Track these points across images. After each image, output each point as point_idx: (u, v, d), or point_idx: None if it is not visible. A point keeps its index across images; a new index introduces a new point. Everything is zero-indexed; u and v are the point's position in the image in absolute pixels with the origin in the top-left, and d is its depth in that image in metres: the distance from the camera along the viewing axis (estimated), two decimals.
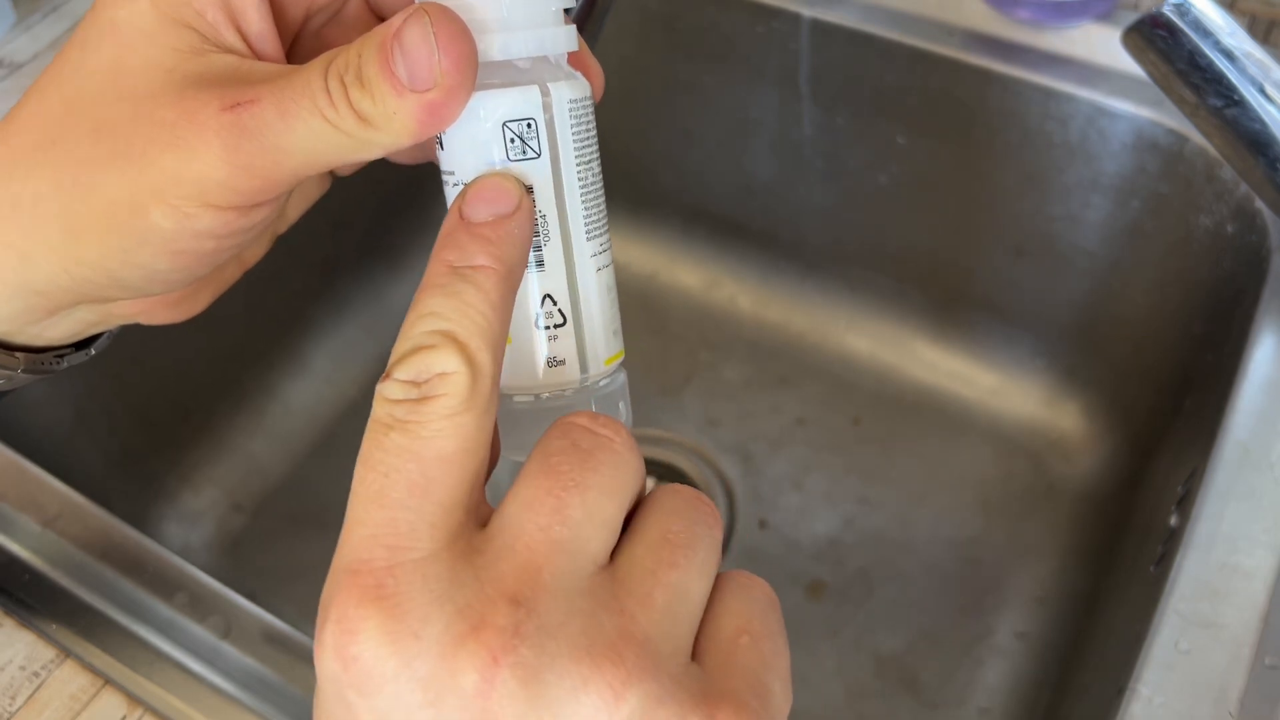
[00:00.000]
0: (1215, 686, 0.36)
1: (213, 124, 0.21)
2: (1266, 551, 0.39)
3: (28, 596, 0.41)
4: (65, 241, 0.23)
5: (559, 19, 0.23)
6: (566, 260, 0.23)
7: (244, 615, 0.41)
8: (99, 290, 0.25)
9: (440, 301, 0.21)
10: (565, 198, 0.23)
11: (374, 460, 0.20)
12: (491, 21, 0.22)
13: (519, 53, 0.22)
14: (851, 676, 0.60)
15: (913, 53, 0.59)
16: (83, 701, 0.39)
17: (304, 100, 0.21)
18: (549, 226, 0.23)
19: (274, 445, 0.70)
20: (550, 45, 0.23)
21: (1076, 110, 0.56)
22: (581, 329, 0.24)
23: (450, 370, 0.20)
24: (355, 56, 0.21)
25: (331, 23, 0.27)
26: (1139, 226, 0.59)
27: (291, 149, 0.21)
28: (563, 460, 0.21)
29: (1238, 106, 0.40)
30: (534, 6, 0.22)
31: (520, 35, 0.22)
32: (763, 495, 0.67)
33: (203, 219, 0.22)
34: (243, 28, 0.23)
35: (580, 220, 0.23)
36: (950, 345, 0.71)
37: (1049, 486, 0.66)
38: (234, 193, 0.22)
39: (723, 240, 0.75)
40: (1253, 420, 0.43)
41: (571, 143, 0.23)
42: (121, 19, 0.23)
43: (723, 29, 0.64)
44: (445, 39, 0.20)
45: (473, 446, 0.21)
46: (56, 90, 0.23)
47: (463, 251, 0.21)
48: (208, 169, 0.21)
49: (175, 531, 0.65)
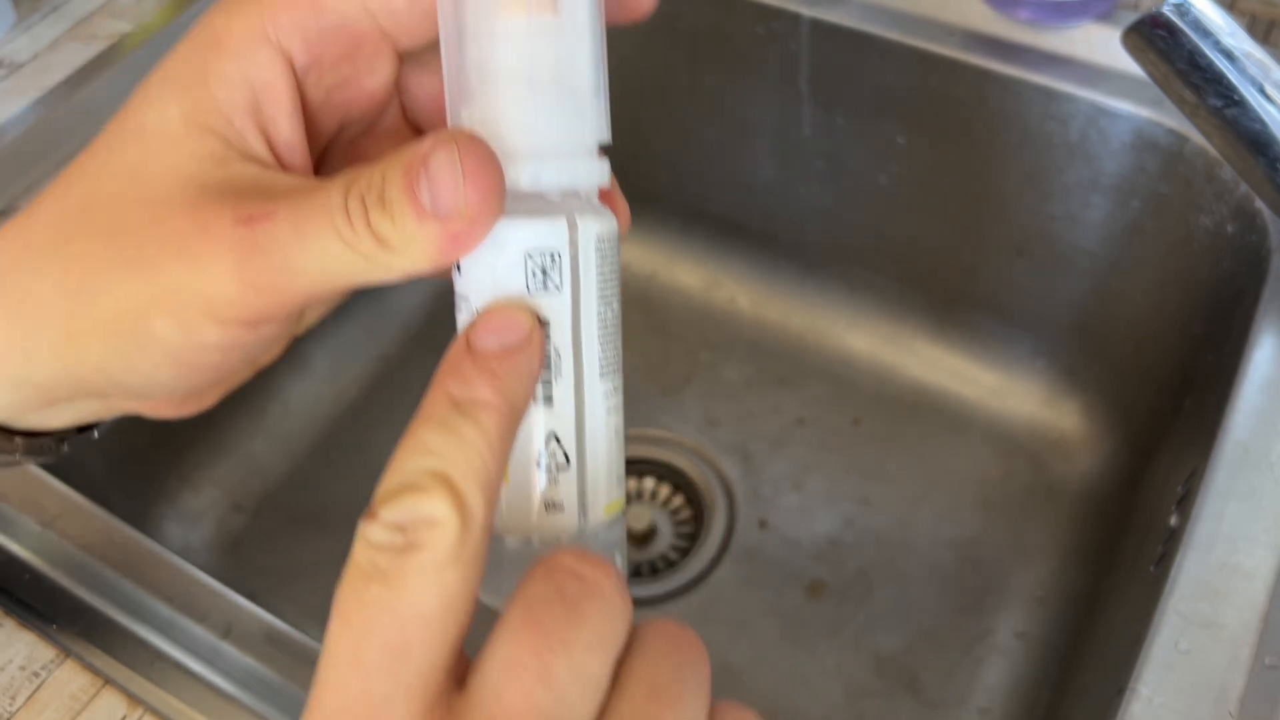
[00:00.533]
0: (1215, 686, 0.36)
1: (225, 237, 0.20)
2: (1266, 551, 0.39)
3: (28, 596, 0.41)
4: (67, 344, 0.23)
5: (593, 152, 0.22)
6: (577, 399, 0.22)
7: (244, 615, 0.41)
8: (100, 390, 0.24)
9: (437, 438, 0.20)
10: (582, 335, 0.22)
11: (350, 616, 0.19)
12: (522, 149, 0.21)
13: (549, 184, 0.22)
14: (851, 676, 0.60)
15: (913, 53, 0.59)
16: (83, 701, 0.39)
17: (321, 218, 0.20)
18: (562, 363, 0.22)
19: (274, 445, 0.70)
20: (583, 179, 0.22)
21: (1076, 110, 0.56)
22: (585, 473, 0.22)
23: (439, 517, 0.19)
24: (379, 177, 0.20)
25: (366, 134, 0.26)
26: (1139, 226, 0.59)
27: (305, 268, 0.20)
28: (547, 612, 0.19)
29: (1238, 106, 0.40)
30: (568, 138, 0.22)
31: (552, 166, 0.21)
32: (763, 495, 0.67)
33: (208, 333, 0.22)
34: (271, 137, 0.22)
35: (595, 359, 0.22)
36: (950, 345, 0.71)
37: (1049, 486, 0.66)
38: (242, 309, 0.21)
39: (723, 240, 0.75)
40: (1253, 420, 0.43)
41: (595, 279, 0.22)
42: (149, 122, 0.22)
43: (723, 29, 0.64)
44: (473, 168, 0.19)
45: (457, 604, 0.19)
46: (78, 188, 0.23)
47: (466, 383, 0.20)
48: (216, 283, 0.21)
49: (175, 531, 0.65)
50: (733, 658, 0.60)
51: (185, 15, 0.63)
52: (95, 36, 0.62)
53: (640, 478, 0.69)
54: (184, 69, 0.22)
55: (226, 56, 0.22)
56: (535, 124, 0.21)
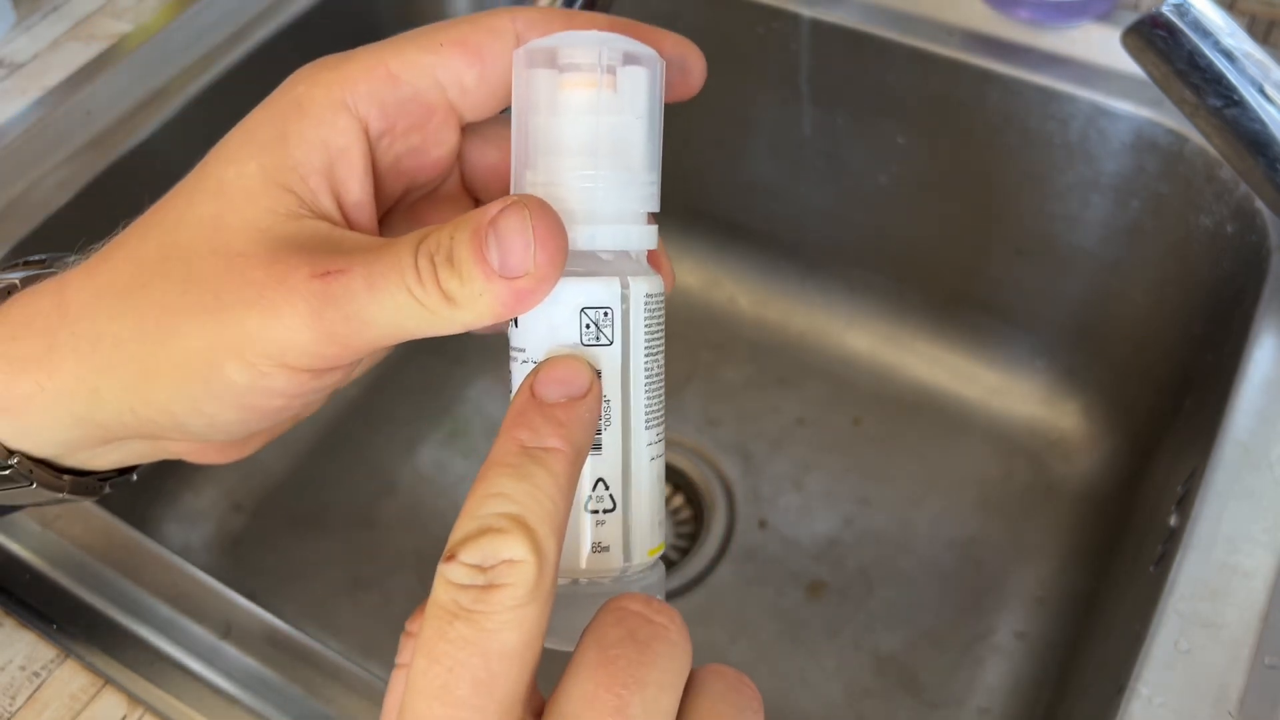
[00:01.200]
0: (1215, 686, 0.36)
1: (301, 289, 0.22)
2: (1266, 551, 0.39)
3: (28, 596, 0.41)
4: (138, 384, 0.24)
5: (643, 219, 0.24)
6: (624, 447, 0.24)
7: (244, 615, 0.41)
8: (159, 431, 0.25)
9: (511, 484, 0.21)
10: (631, 386, 0.24)
11: (438, 652, 0.20)
12: (581, 213, 0.23)
13: (604, 245, 0.23)
14: (851, 676, 0.60)
15: (913, 53, 0.59)
16: (83, 701, 0.39)
17: (393, 275, 0.22)
18: (611, 412, 0.23)
19: (274, 445, 0.69)
20: (635, 242, 0.24)
21: (1076, 110, 0.56)
22: (629, 517, 0.24)
23: (518, 558, 0.20)
24: (448, 238, 0.22)
25: (428, 198, 0.27)
26: (1139, 226, 0.59)
27: (375, 320, 0.22)
28: (620, 653, 0.21)
29: (1237, 107, 0.40)
30: (622, 205, 0.24)
31: (607, 229, 0.23)
32: (762, 495, 0.67)
33: (277, 379, 0.23)
34: (342, 197, 0.24)
35: (641, 409, 0.24)
36: (950, 345, 0.71)
37: (1049, 486, 0.66)
38: (313, 357, 0.23)
39: (723, 240, 0.75)
40: (1252, 420, 0.43)
41: (643, 334, 0.24)
42: (229, 178, 0.23)
43: (723, 29, 0.64)
44: (542, 231, 0.21)
45: (535, 639, 0.20)
46: (156, 236, 0.24)
47: (535, 432, 0.21)
48: (291, 333, 0.22)
49: (175, 532, 0.65)
50: (732, 657, 0.60)
51: (185, 15, 0.63)
52: (95, 36, 0.62)
53: None
54: (264, 130, 0.24)
55: (307, 121, 0.24)
56: (594, 191, 0.23)
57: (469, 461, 0.69)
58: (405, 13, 0.70)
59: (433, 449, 0.70)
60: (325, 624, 0.61)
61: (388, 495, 0.68)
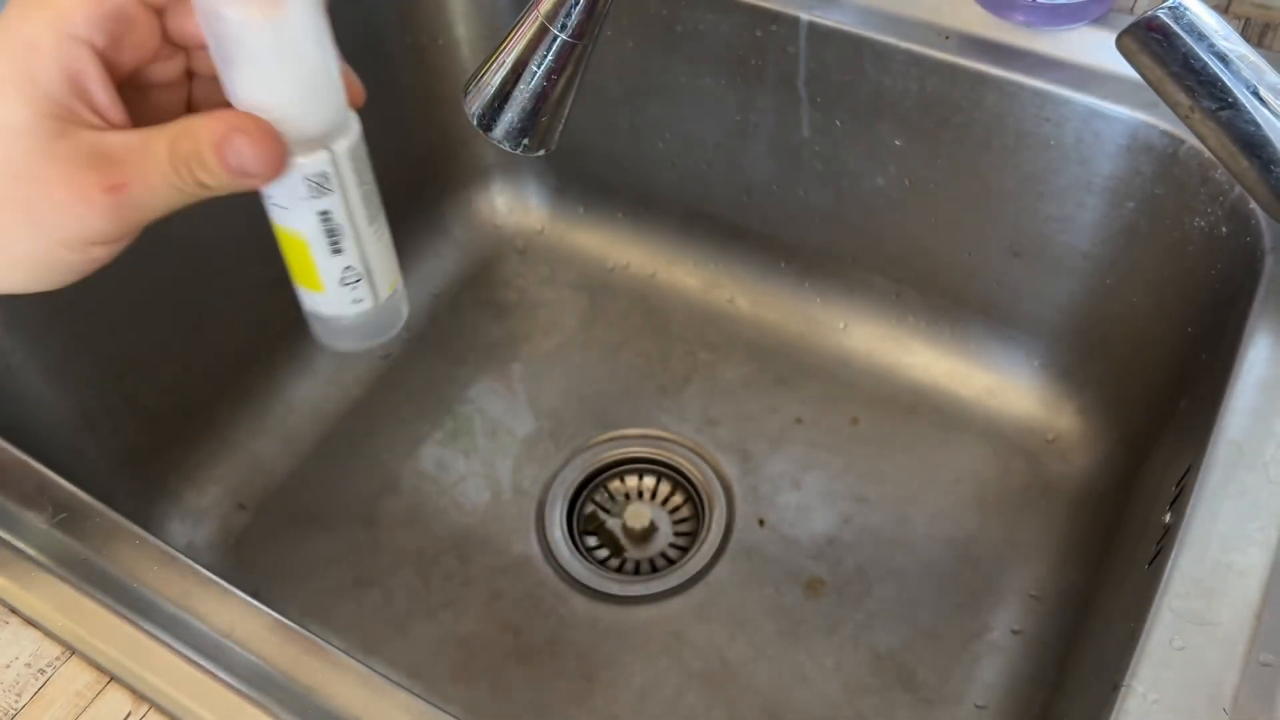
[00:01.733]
0: (1209, 683, 0.37)
1: (98, 202, 0.30)
2: (1260, 549, 0.40)
3: (33, 594, 0.42)
4: None
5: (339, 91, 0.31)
6: (358, 244, 0.33)
7: (247, 613, 0.41)
8: None
9: None
10: (353, 210, 0.32)
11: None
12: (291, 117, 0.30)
13: (313, 132, 0.30)
14: (849, 673, 0.60)
15: (909, 56, 0.59)
16: (88, 698, 0.39)
17: (159, 179, 0.30)
18: (345, 231, 0.32)
19: (277, 444, 0.70)
20: (335, 119, 0.31)
21: (1072, 113, 0.57)
22: (372, 276, 0.34)
23: None
24: (195, 149, 0.30)
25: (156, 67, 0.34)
26: (1134, 228, 0.59)
27: (153, 208, 0.30)
28: None
29: (1232, 109, 0.40)
30: (320, 100, 0.30)
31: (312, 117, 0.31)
32: (761, 494, 0.67)
33: (95, 251, 0.31)
34: (94, 104, 0.30)
35: (363, 216, 0.32)
36: (947, 345, 0.71)
37: (1045, 485, 0.66)
38: (115, 237, 0.31)
39: (722, 241, 0.75)
40: (1246, 419, 0.43)
41: (353, 174, 0.31)
42: (5, 120, 0.30)
43: (721, 32, 0.64)
44: (263, 144, 0.29)
45: None
46: None
47: None
48: (98, 229, 0.30)
49: (179, 530, 0.66)
50: (731, 655, 0.60)
51: None
52: None
53: (640, 476, 0.69)
54: (12, 72, 0.30)
55: (46, 59, 0.30)
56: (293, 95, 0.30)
57: (470, 461, 0.69)
58: (406, 12, 0.70)
59: (434, 448, 0.70)
60: (327, 621, 0.61)
61: (389, 494, 0.68)
